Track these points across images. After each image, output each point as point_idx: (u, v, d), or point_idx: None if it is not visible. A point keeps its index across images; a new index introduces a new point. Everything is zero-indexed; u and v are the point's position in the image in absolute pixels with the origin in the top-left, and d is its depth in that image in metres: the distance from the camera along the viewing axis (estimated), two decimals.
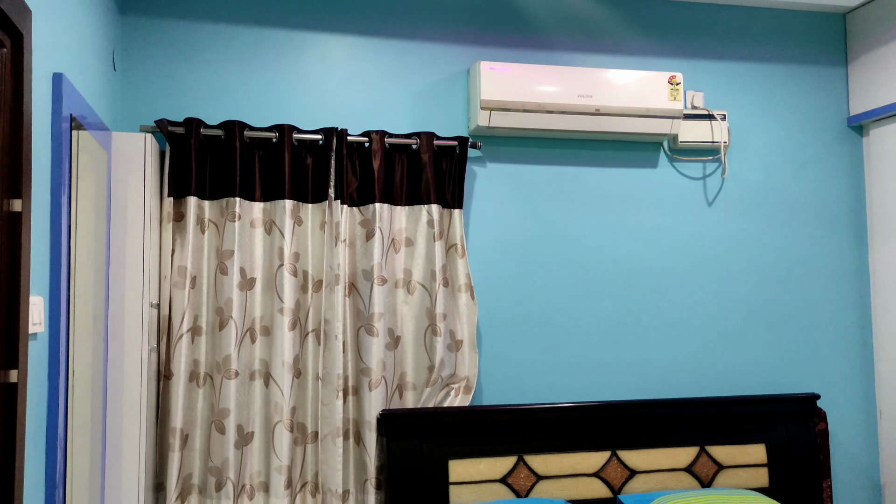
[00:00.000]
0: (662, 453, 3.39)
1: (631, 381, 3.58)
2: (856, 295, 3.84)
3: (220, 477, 3.03)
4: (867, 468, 3.78)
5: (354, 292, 3.27)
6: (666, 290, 3.66)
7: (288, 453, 3.10)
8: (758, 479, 3.46)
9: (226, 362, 3.07)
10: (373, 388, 3.19)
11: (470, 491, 3.20)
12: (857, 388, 3.80)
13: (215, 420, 3.06)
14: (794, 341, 3.76)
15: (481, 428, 3.24)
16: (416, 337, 3.30)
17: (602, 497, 3.31)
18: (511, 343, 3.49)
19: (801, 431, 3.52)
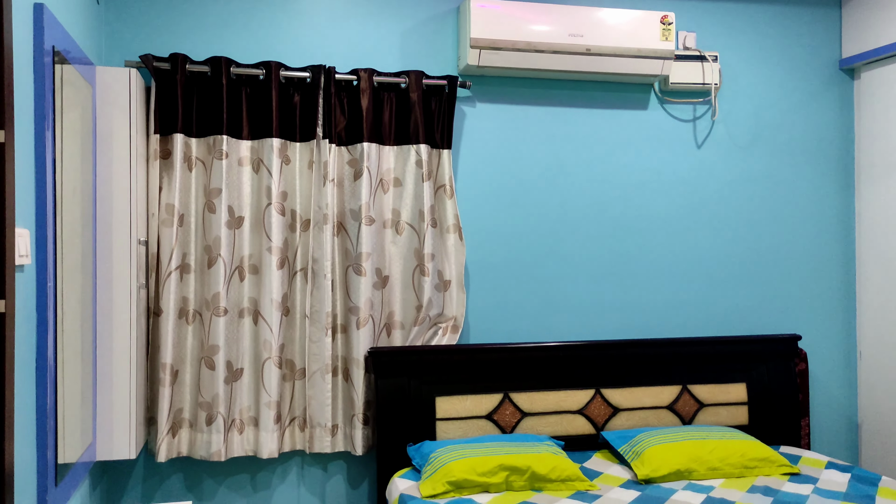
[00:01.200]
0: (645, 392, 3.46)
1: (617, 321, 3.64)
2: (841, 237, 3.88)
3: (210, 411, 3.09)
4: (845, 408, 3.87)
5: (342, 232, 3.28)
6: (653, 231, 3.68)
7: (277, 389, 3.15)
8: (738, 416, 3.54)
9: (214, 300, 3.09)
10: (361, 326, 3.22)
11: (456, 426, 3.27)
12: (839, 330, 3.87)
13: (205, 356, 3.10)
14: (779, 283, 3.81)
15: (468, 366, 3.30)
16: (403, 277, 3.33)
17: (585, 433, 3.39)
18: (499, 283, 3.52)
19: (782, 371, 3.60)
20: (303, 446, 3.23)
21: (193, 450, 3.10)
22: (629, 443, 3.16)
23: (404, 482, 2.98)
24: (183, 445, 3.09)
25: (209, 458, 3.07)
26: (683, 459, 2.99)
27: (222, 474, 3.24)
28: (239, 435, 3.13)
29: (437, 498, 2.77)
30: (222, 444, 3.07)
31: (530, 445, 3.02)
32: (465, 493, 2.80)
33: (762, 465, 3.05)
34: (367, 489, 3.38)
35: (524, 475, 2.85)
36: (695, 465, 2.99)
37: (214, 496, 3.23)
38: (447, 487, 2.79)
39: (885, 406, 3.69)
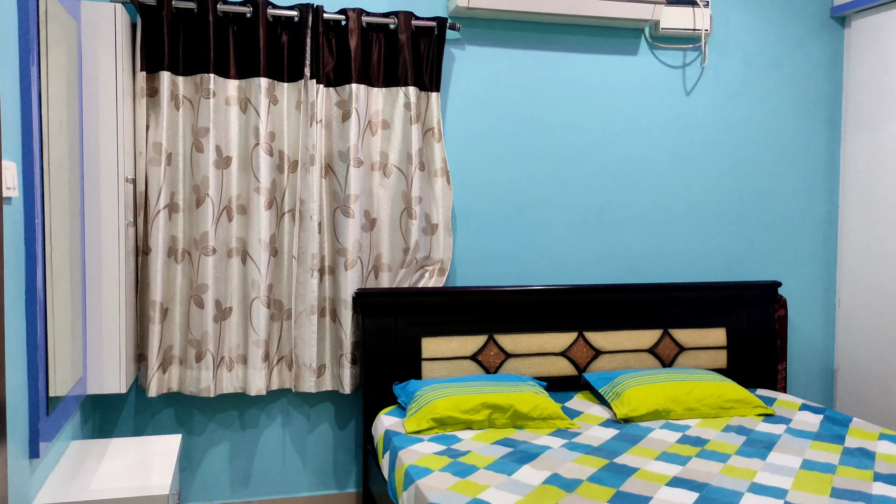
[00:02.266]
0: (627, 335, 3.53)
1: (601, 267, 3.68)
2: (825, 186, 3.92)
3: (199, 349, 3.14)
4: (822, 354, 3.96)
5: (330, 174, 3.29)
6: (640, 178, 3.71)
7: (265, 328, 3.20)
8: (717, 360, 3.63)
9: (203, 239, 3.12)
10: (349, 267, 3.26)
11: (441, 366, 3.33)
12: (819, 278, 3.94)
13: (194, 295, 3.14)
14: (763, 230, 3.86)
15: (454, 308, 3.35)
16: (391, 219, 3.35)
17: (567, 375, 3.47)
18: (485, 228, 3.55)
19: (761, 317, 3.67)
20: (291, 385, 3.29)
21: (183, 386, 3.16)
22: (610, 384, 3.24)
23: (390, 419, 3.06)
24: (173, 381, 3.14)
25: (199, 393, 3.12)
26: (661, 400, 3.08)
27: (211, 410, 3.31)
28: (228, 372, 3.19)
29: (422, 434, 2.85)
30: (211, 380, 3.13)
31: (513, 385, 3.09)
32: (448, 429, 2.88)
33: (738, 406, 3.14)
34: (353, 427, 3.46)
35: (506, 413, 2.93)
36: (672, 405, 3.07)
37: (204, 431, 3.30)
38: (431, 424, 2.86)
39: (861, 352, 3.78)
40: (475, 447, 2.67)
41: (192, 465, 3.30)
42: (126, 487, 2.20)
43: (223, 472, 3.33)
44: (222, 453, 3.32)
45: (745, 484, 2.33)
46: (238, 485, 3.34)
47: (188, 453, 3.29)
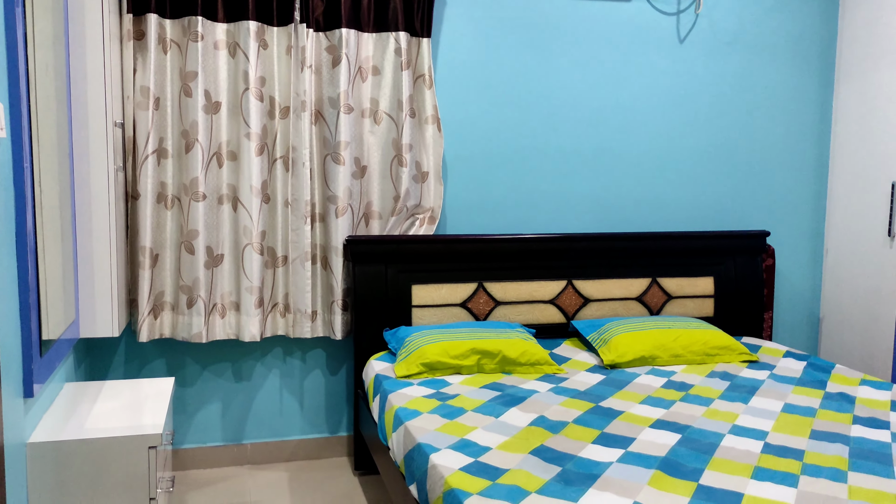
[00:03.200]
0: (616, 283, 3.57)
1: (591, 215, 3.70)
2: (816, 136, 3.92)
3: (191, 295, 3.15)
4: (808, 303, 4.01)
5: (321, 120, 3.27)
6: (632, 126, 3.70)
7: (258, 275, 3.21)
8: (704, 309, 3.67)
9: (193, 185, 3.11)
10: (339, 215, 3.26)
11: (431, 313, 3.37)
12: (808, 228, 3.97)
13: (184, 241, 3.14)
14: (753, 180, 3.87)
15: (444, 255, 3.37)
16: (382, 167, 3.35)
17: (556, 322, 3.51)
18: (476, 176, 3.55)
19: (749, 266, 3.71)
20: (284, 331, 3.33)
21: (175, 332, 3.19)
22: (598, 331, 3.29)
23: (380, 364, 3.10)
24: (165, 327, 3.17)
25: (191, 339, 3.15)
26: (648, 346, 3.12)
27: (204, 358, 3.34)
28: (221, 319, 3.21)
29: (411, 378, 2.89)
30: (203, 326, 3.16)
31: (502, 332, 3.13)
32: (437, 374, 2.92)
33: (723, 353, 3.19)
34: (345, 373, 3.50)
35: (495, 359, 2.97)
36: (659, 351, 3.12)
37: (197, 376, 3.34)
38: (421, 369, 2.90)
39: (847, 301, 3.83)
40: (464, 391, 2.72)
41: (186, 408, 3.35)
42: (120, 427, 2.23)
43: (216, 416, 3.38)
44: (216, 397, 3.37)
45: (726, 426, 2.39)
46: (231, 428, 3.40)
47: (182, 397, 3.34)
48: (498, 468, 2.01)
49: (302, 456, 3.47)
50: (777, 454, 2.15)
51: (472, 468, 2.01)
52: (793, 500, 1.84)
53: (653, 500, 1.82)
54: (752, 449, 2.19)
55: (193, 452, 3.36)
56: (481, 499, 1.81)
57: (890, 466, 2.06)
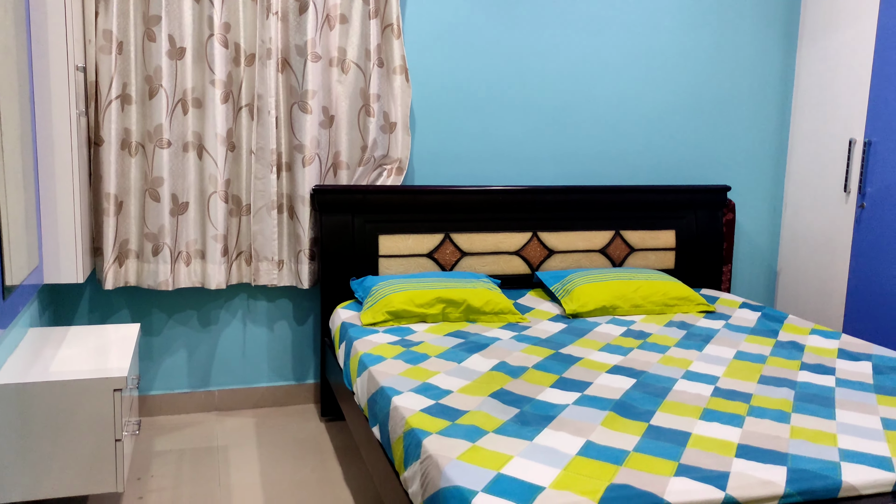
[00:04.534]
0: (580, 236, 3.63)
1: (557, 169, 3.74)
2: (778, 93, 3.98)
3: (156, 242, 3.15)
4: (766, 256, 4.12)
5: (287, 68, 3.24)
6: (598, 81, 3.72)
7: (224, 223, 3.22)
8: (665, 261, 3.75)
9: (157, 132, 3.08)
10: (306, 164, 3.26)
11: (398, 263, 3.40)
12: (768, 183, 4.05)
13: (149, 188, 3.13)
14: (715, 135, 3.93)
15: (411, 206, 3.39)
16: (349, 117, 3.34)
17: (521, 273, 3.57)
18: (444, 127, 3.56)
19: (710, 220, 3.79)
20: (250, 279, 3.35)
21: (141, 279, 3.19)
22: (561, 282, 3.35)
23: (347, 312, 3.14)
24: (130, 275, 3.17)
25: (156, 287, 3.16)
26: (609, 297, 3.20)
27: (170, 306, 3.36)
28: (186, 266, 3.22)
29: (377, 326, 2.94)
30: (169, 274, 3.17)
31: (467, 282, 3.18)
32: (402, 322, 2.97)
33: (681, 304, 3.28)
34: (312, 322, 3.54)
35: (460, 307, 3.03)
36: (619, 302, 3.20)
37: (163, 324, 3.36)
38: (386, 317, 2.95)
39: (804, 255, 3.94)
40: (428, 338, 2.78)
41: (152, 355, 3.37)
42: (84, 370, 2.26)
43: (183, 363, 3.41)
44: (182, 345, 3.39)
45: (679, 371, 2.47)
46: (198, 375, 3.43)
47: (147, 344, 3.36)
48: (458, 410, 2.07)
49: (269, 403, 3.52)
50: (726, 397, 2.24)
51: (432, 410, 2.07)
52: (737, 439, 1.93)
53: (605, 439, 1.90)
54: (702, 392, 2.28)
55: (160, 399, 3.39)
56: (440, 438, 1.88)
57: (832, 409, 2.16)
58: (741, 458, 1.81)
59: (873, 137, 3.53)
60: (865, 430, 2.00)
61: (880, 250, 3.50)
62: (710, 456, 1.82)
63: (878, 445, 1.90)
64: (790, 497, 1.66)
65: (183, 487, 2.73)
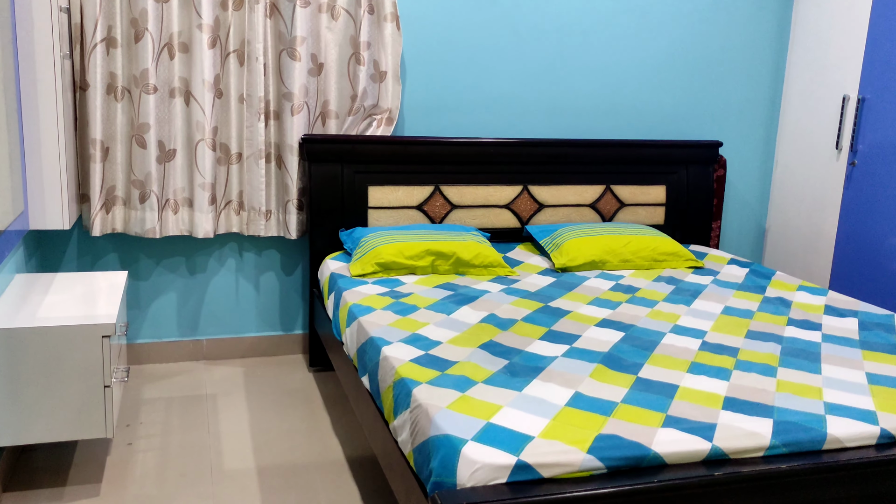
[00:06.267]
0: (570, 189, 3.61)
1: (548, 121, 3.70)
2: (773, 48, 3.94)
3: (143, 190, 3.11)
4: (756, 214, 4.13)
5: (276, 13, 3.17)
6: (590, 32, 3.67)
7: (211, 171, 3.17)
8: (655, 216, 3.75)
9: (143, 76, 3.02)
10: (295, 112, 3.21)
11: (387, 215, 3.38)
12: (759, 140, 4.04)
13: (136, 134, 3.07)
14: (708, 90, 3.89)
15: (401, 157, 3.36)
16: (339, 65, 3.28)
17: (511, 227, 3.56)
18: (435, 77, 3.51)
19: (700, 176, 3.78)
20: (238, 229, 3.32)
21: (128, 226, 3.15)
22: (550, 236, 3.35)
23: (335, 263, 3.13)
24: (117, 222, 3.13)
25: (144, 234, 3.13)
26: (598, 251, 3.20)
27: (158, 253, 3.33)
28: (174, 214, 3.18)
29: (366, 277, 2.93)
30: (157, 221, 3.13)
31: (457, 234, 3.17)
32: (392, 273, 2.96)
33: (670, 259, 3.29)
34: (300, 273, 3.53)
35: (449, 260, 3.02)
36: (608, 256, 3.21)
37: (151, 272, 3.34)
38: (376, 268, 2.94)
39: (792, 213, 3.95)
40: (417, 290, 2.77)
41: (140, 303, 3.35)
42: (73, 316, 2.24)
43: (171, 312, 3.40)
44: (170, 293, 3.38)
45: (668, 326, 2.49)
46: (186, 324, 3.43)
47: (135, 292, 3.34)
48: (447, 360, 2.08)
49: (257, 353, 3.53)
50: (713, 351, 2.26)
51: (422, 360, 2.07)
52: (724, 392, 1.95)
53: (593, 390, 1.92)
54: (690, 346, 2.29)
55: (149, 347, 3.39)
56: (430, 387, 1.88)
57: (817, 363, 2.19)
58: (728, 410, 1.83)
59: (867, 94, 3.51)
60: (851, 385, 2.03)
61: (869, 208, 3.51)
62: (696, 408, 1.84)
63: (863, 399, 1.93)
64: (776, 448, 1.68)
65: (172, 435, 2.74)
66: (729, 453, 1.66)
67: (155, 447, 2.65)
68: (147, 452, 2.61)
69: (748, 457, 1.67)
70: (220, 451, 2.64)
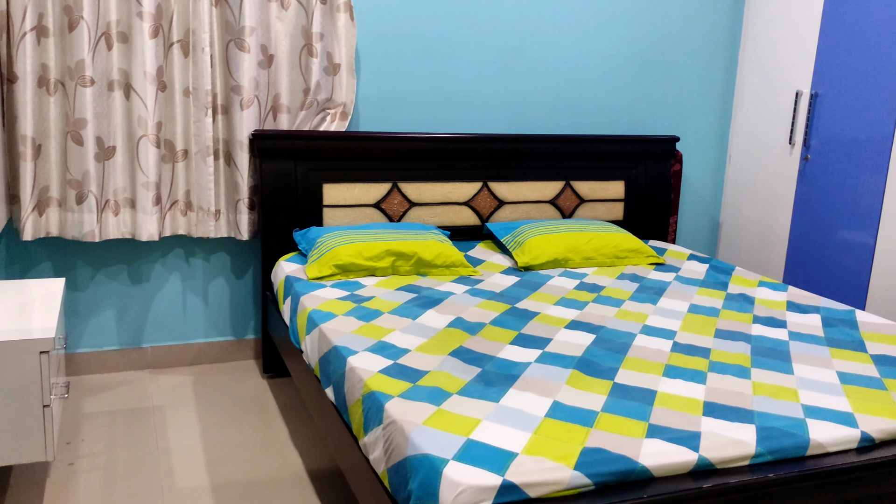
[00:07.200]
0: (530, 186, 3.54)
1: (507, 116, 3.62)
2: (727, 45, 3.94)
3: (80, 190, 2.91)
4: (710, 208, 4.14)
5: (223, 2, 3.00)
6: (549, 27, 3.60)
7: (155, 170, 2.99)
8: (614, 212, 3.72)
9: (79, 68, 2.81)
10: (244, 107, 3.05)
11: (343, 214, 3.25)
12: (713, 134, 4.04)
13: (71, 131, 2.87)
14: (664, 85, 3.87)
15: (357, 153, 3.23)
16: (290, 57, 3.13)
17: (471, 224, 3.47)
18: (391, 70, 3.39)
19: (659, 171, 3.75)
20: (185, 231, 3.14)
21: (64, 230, 2.95)
22: (512, 233, 3.27)
23: (290, 265, 2.99)
24: (52, 225, 2.92)
25: (82, 238, 2.93)
26: (561, 249, 3.14)
27: (98, 259, 3.13)
28: (114, 216, 2.99)
29: (324, 280, 2.80)
30: (96, 224, 2.93)
31: (417, 233, 3.06)
32: (351, 276, 2.84)
33: (632, 256, 3.25)
34: (251, 274, 3.37)
35: (410, 260, 2.91)
36: (571, 254, 3.15)
37: (90, 279, 3.13)
38: (334, 270, 2.81)
39: (745, 207, 3.97)
40: (379, 293, 2.66)
41: (79, 311, 3.15)
42: (7, 330, 2.06)
43: (113, 319, 3.20)
44: (112, 300, 3.18)
45: (637, 326, 2.44)
46: (129, 332, 3.23)
47: (73, 300, 3.13)
48: (418, 370, 1.98)
49: (207, 359, 3.36)
50: (685, 353, 2.21)
51: (391, 370, 1.97)
52: (702, 396, 1.90)
53: (571, 399, 1.84)
54: (662, 348, 2.24)
55: (88, 357, 3.18)
56: (402, 401, 1.78)
57: (789, 363, 2.16)
58: (709, 416, 1.78)
59: (820, 89, 3.53)
60: (825, 385, 2.00)
61: (823, 202, 3.54)
62: (678, 415, 1.78)
63: (839, 401, 1.90)
64: (761, 456, 1.64)
65: (117, 451, 2.57)
66: (716, 463, 1.60)
67: (99, 466, 2.47)
68: (91, 472, 2.43)
69: (734, 466, 1.62)
70: (171, 468, 2.48)
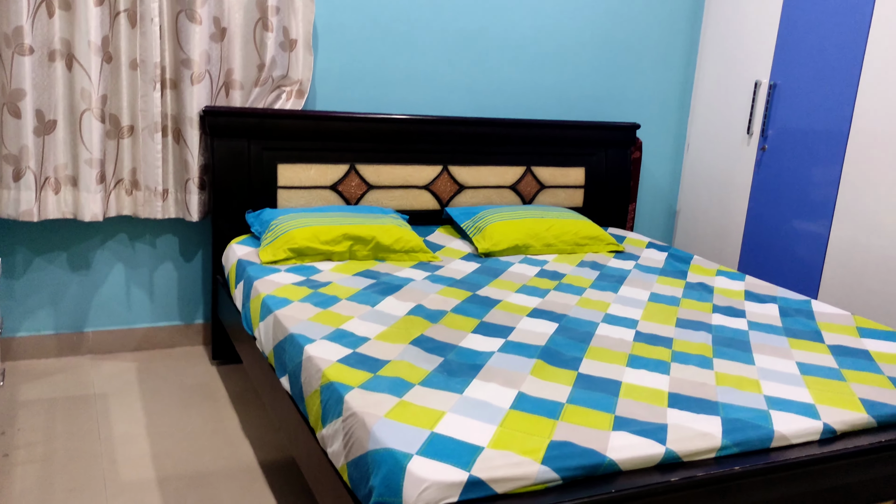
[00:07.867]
0: (491, 171, 3.49)
1: (468, 100, 3.55)
2: (687, 34, 3.93)
3: (17, 165, 2.74)
4: (667, 196, 4.14)
5: None
6: (511, 9, 3.53)
7: (99, 146, 2.84)
8: (574, 199, 3.69)
9: (16, 35, 2.64)
10: (195, 82, 2.91)
11: (299, 196, 3.15)
12: (672, 123, 4.04)
13: (8, 102, 2.70)
14: (624, 73, 3.85)
15: (313, 133, 3.13)
16: (244, 30, 3.00)
17: (430, 209, 3.40)
18: (350, 48, 3.28)
19: (619, 158, 3.74)
20: (131, 211, 3.00)
21: None
22: (472, 219, 3.21)
23: (242, 248, 2.88)
24: None
25: (18, 217, 2.77)
26: (521, 236, 3.09)
27: (36, 239, 2.96)
28: (55, 195, 2.83)
29: (278, 264, 2.70)
30: (34, 203, 2.77)
31: (375, 217, 2.98)
32: (306, 260, 2.75)
33: (592, 243, 3.22)
34: (201, 257, 3.24)
35: (368, 245, 2.83)
36: (532, 241, 3.10)
37: (28, 265, 2.97)
38: (289, 254, 2.72)
39: (702, 195, 3.99)
40: (336, 278, 2.58)
41: (15, 294, 2.98)
42: None
43: (52, 303, 3.04)
44: (51, 282, 3.02)
45: (599, 315, 2.41)
46: (70, 315, 3.08)
47: (9, 281, 2.97)
48: (378, 360, 1.91)
49: (152, 345, 3.23)
50: (648, 342, 2.19)
51: (350, 360, 1.89)
52: (666, 387, 1.87)
53: (536, 390, 1.80)
54: (624, 337, 2.22)
55: (25, 342, 3.03)
56: (363, 392, 1.71)
57: (749, 353, 2.16)
58: (674, 408, 1.75)
59: (778, 80, 3.55)
60: (785, 376, 2.00)
61: (779, 192, 3.56)
62: (643, 406, 1.75)
63: (800, 392, 1.90)
64: (727, 449, 1.62)
65: (57, 441, 2.44)
66: (682, 456, 1.58)
67: (37, 458, 2.34)
68: (28, 464, 2.30)
69: (701, 459, 1.60)
70: (114, 459, 2.37)
